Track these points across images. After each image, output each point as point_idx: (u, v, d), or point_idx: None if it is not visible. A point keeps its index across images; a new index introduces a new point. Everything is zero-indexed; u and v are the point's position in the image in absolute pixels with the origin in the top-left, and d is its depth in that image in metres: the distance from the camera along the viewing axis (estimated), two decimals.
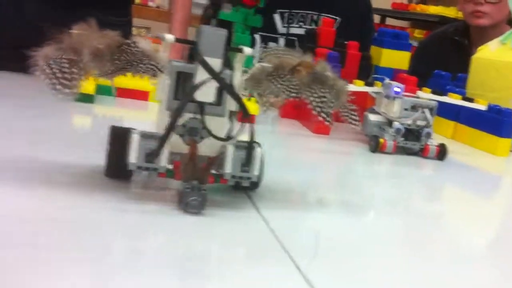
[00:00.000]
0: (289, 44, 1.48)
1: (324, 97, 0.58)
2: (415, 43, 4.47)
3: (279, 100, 0.60)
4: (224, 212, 0.58)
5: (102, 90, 1.05)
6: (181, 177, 0.56)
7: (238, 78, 0.58)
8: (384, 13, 4.65)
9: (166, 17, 1.58)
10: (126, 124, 0.60)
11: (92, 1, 1.19)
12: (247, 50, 0.56)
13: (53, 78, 0.48)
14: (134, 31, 1.50)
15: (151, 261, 0.45)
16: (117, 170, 0.59)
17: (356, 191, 0.78)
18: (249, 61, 0.67)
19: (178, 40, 0.54)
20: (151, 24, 3.07)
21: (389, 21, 4.86)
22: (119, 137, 0.58)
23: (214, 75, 0.52)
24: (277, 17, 1.50)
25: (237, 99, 0.54)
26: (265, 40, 1.50)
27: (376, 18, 4.37)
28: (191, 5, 1.29)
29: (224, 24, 0.88)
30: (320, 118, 0.58)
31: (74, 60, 0.49)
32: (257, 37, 1.50)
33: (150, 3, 2.93)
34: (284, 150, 0.96)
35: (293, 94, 0.57)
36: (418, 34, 4.29)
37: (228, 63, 0.56)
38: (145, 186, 0.61)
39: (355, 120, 0.59)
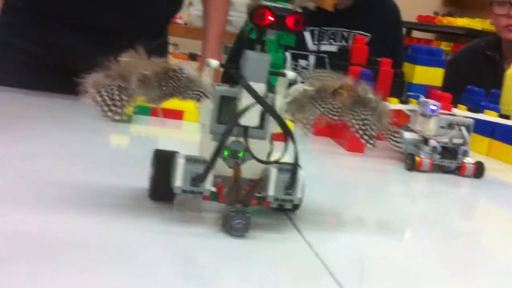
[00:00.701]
0: (320, 61, 1.49)
1: (367, 119, 0.58)
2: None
3: (318, 121, 0.61)
4: (267, 234, 0.58)
5: (138, 109, 1.07)
6: (225, 200, 0.57)
7: (280, 101, 0.59)
8: (410, 26, 4.63)
9: (195, 33, 1.60)
10: (162, 144, 0.61)
11: (129, 29, 1.20)
12: (291, 74, 0.57)
13: (104, 105, 0.49)
14: None
15: (199, 283, 0.45)
16: (161, 193, 0.60)
17: (393, 210, 0.77)
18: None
19: (222, 66, 0.55)
20: (179, 41, 3.10)
21: (415, 33, 4.84)
22: (163, 161, 0.59)
23: (259, 100, 0.53)
24: (307, 35, 1.50)
25: (282, 123, 0.54)
26: (295, 58, 1.51)
27: (405, 31, 4.36)
28: (226, 21, 1.29)
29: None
30: (363, 141, 0.58)
31: (123, 87, 0.50)
32: (287, 54, 1.50)
33: (178, 20, 2.97)
34: (319, 168, 0.96)
35: (335, 117, 0.58)
36: (445, 46, 4.25)
37: (270, 87, 0.56)
38: (189, 208, 0.62)
39: (398, 142, 0.59)
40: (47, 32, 1.19)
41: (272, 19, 0.52)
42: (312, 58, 1.50)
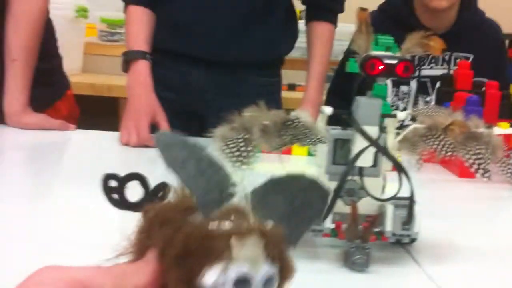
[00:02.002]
0: (422, 86, 1.49)
1: (480, 154, 0.59)
2: None
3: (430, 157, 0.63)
4: (387, 268, 0.60)
5: None
6: (345, 237, 0.60)
7: (391, 140, 0.61)
8: None
9: (290, 64, 1.64)
10: None
11: (248, 65, 1.30)
12: (401, 115, 0.60)
13: (232, 157, 0.54)
14: None
15: None
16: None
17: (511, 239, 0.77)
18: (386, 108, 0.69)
19: (335, 112, 0.59)
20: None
21: None
22: None
23: (373, 143, 0.56)
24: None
25: (396, 163, 0.57)
26: (396, 84, 1.52)
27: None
28: (330, 57, 1.33)
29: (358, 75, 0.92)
30: (478, 175, 0.59)
31: (247, 138, 0.55)
32: (388, 81, 1.51)
33: None
34: (433, 197, 0.96)
35: (448, 153, 0.60)
36: None
37: (382, 128, 0.59)
38: (311, 245, 0.65)
39: None
40: (176, 75, 1.29)
41: (382, 68, 0.55)
42: (413, 84, 1.50)
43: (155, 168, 0.37)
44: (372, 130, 0.57)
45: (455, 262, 0.65)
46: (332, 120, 0.62)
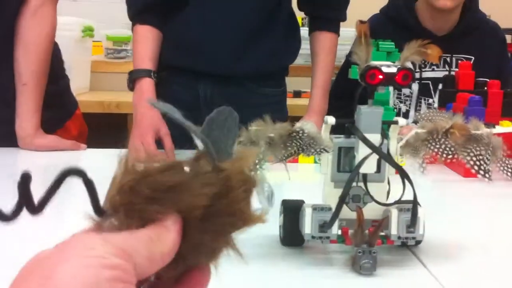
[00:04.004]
0: (424, 88, 1.50)
1: (481, 155, 0.61)
2: None
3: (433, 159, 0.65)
4: (394, 271, 0.62)
5: None
6: (352, 242, 0.61)
7: (394, 146, 0.63)
8: None
9: (293, 71, 1.66)
10: (286, 188, 0.66)
11: (254, 77, 1.33)
12: (402, 121, 0.62)
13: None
14: None
15: None
16: (292, 239, 0.66)
17: None
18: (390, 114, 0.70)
19: (338, 122, 0.61)
20: None
21: None
22: (292, 210, 0.65)
23: (375, 150, 0.58)
24: (409, 63, 1.52)
25: (399, 169, 0.59)
26: (398, 87, 1.53)
27: (508, 38, 4.19)
28: (334, 65, 1.35)
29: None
30: (479, 176, 0.61)
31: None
32: None
33: None
34: (436, 197, 0.98)
35: (449, 156, 0.61)
36: None
37: (384, 134, 0.61)
38: (318, 251, 0.67)
39: None
40: (185, 90, 1.32)
41: (382, 77, 0.57)
42: (415, 86, 1.51)
43: None
44: (374, 138, 0.59)
45: (461, 262, 0.67)
46: (336, 128, 0.64)
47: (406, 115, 1.50)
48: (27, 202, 0.27)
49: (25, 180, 0.27)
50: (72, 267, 0.24)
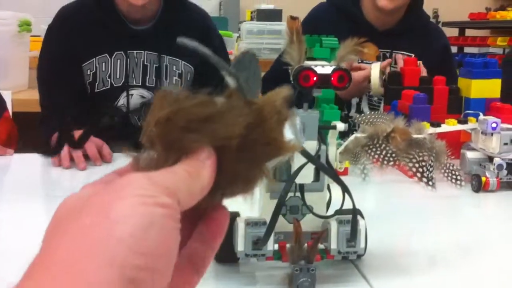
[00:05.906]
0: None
1: (424, 161, 0.57)
2: (500, 51, 4.27)
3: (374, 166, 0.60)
4: (335, 287, 0.57)
5: None
6: (289, 259, 0.57)
7: (333, 152, 0.58)
8: (462, 25, 4.51)
9: None
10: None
11: None
12: (340, 126, 0.57)
13: None
14: None
15: None
16: (226, 255, 0.61)
17: (469, 240, 0.75)
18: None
19: None
20: None
21: (469, 32, 4.71)
22: None
23: (311, 160, 0.53)
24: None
25: (336, 179, 0.54)
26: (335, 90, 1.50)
27: (455, 31, 4.25)
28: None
29: None
30: (423, 183, 0.57)
31: None
32: None
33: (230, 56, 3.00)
34: (382, 200, 0.94)
35: (391, 162, 0.57)
36: (501, 41, 4.10)
37: (322, 140, 0.56)
38: (255, 267, 0.62)
39: (459, 180, 0.58)
40: None
41: (316, 79, 0.52)
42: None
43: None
44: (311, 145, 0.54)
45: (406, 274, 0.63)
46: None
47: None
48: (68, 139, 0.26)
49: (67, 121, 0.26)
50: (129, 205, 0.25)
